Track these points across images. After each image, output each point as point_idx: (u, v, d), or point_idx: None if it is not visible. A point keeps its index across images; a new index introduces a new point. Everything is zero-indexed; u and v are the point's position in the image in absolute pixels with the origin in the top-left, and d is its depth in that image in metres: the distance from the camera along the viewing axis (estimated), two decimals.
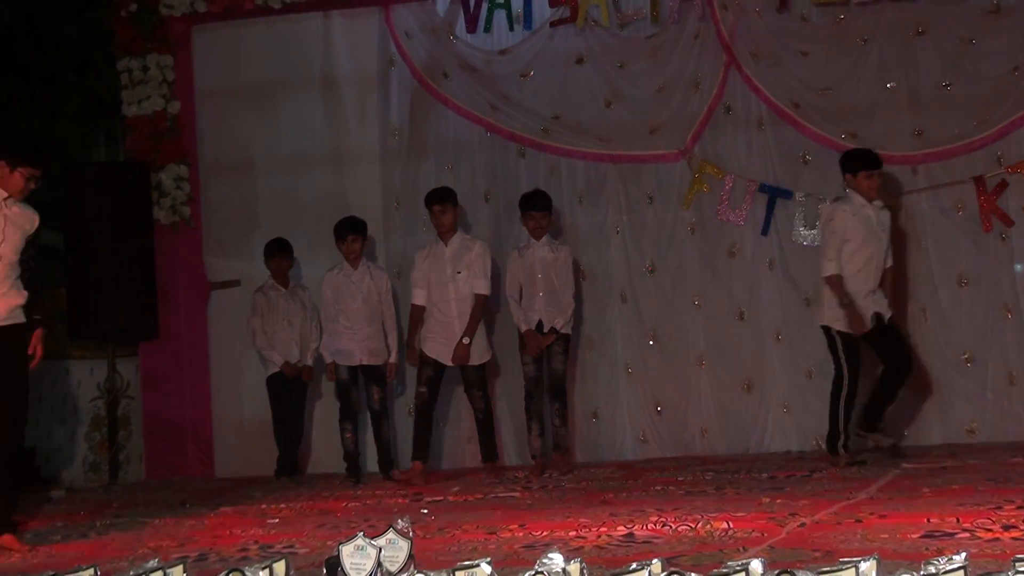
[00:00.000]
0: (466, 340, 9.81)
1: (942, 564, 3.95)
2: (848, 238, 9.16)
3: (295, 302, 10.63)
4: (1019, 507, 6.82)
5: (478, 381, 10.04)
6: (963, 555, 4.02)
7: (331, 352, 10.05)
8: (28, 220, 7.76)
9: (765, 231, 10.55)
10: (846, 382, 9.23)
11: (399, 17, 11.19)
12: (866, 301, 9.24)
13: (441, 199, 9.83)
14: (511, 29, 11.06)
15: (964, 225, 10.16)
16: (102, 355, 11.84)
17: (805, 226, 10.44)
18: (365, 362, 9.86)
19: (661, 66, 10.82)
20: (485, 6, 11.03)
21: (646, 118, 10.73)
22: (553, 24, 10.90)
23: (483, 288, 9.78)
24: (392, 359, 10.18)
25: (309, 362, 10.68)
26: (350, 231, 9.92)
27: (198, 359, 11.32)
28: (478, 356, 9.95)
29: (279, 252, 10.49)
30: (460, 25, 11.13)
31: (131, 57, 11.46)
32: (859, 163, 9.09)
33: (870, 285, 9.28)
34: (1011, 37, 10.11)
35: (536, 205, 9.83)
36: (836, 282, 9.11)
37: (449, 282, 9.82)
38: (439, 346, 9.80)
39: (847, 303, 9.10)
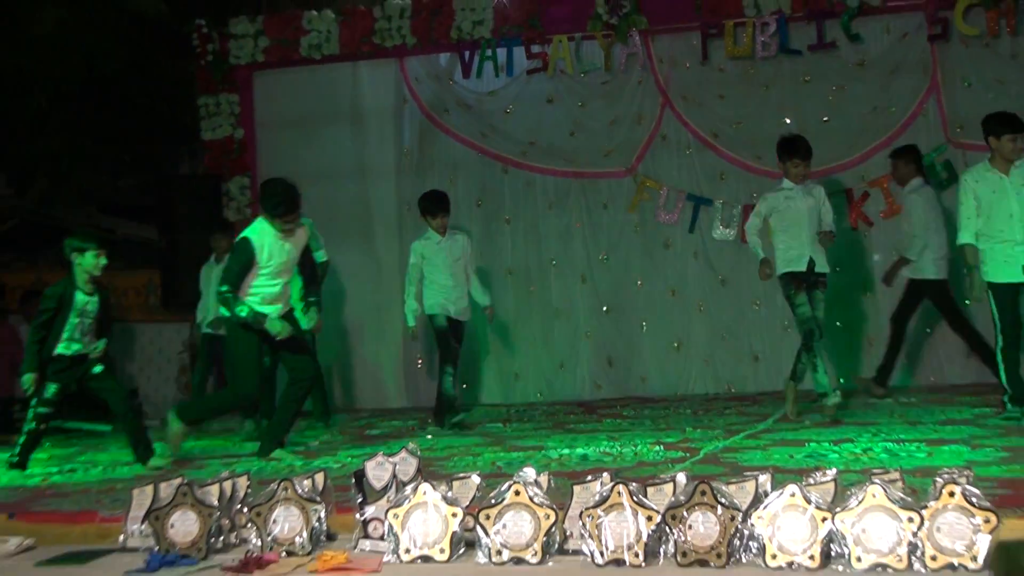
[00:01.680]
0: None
1: (819, 477, 4.05)
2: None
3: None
4: (873, 435, 7.22)
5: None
6: (834, 471, 4.17)
7: (433, 305, 9.18)
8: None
9: (691, 229, 10.87)
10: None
11: (411, 66, 11.48)
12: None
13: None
14: (496, 76, 11.26)
15: (838, 225, 9.65)
16: (185, 319, 11.86)
17: (722, 225, 10.74)
18: (453, 317, 9.14)
19: (612, 105, 11.09)
20: (477, 58, 11.21)
21: (601, 144, 11.00)
22: (529, 72, 11.17)
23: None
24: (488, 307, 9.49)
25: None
26: (441, 209, 9.10)
27: None
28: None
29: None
30: (457, 73, 11.37)
31: (208, 95, 11.77)
32: (1005, 127, 7.76)
33: None
34: (871, 85, 10.43)
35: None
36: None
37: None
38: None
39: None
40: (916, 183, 9.21)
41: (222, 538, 4.25)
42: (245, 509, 4.29)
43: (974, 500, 3.56)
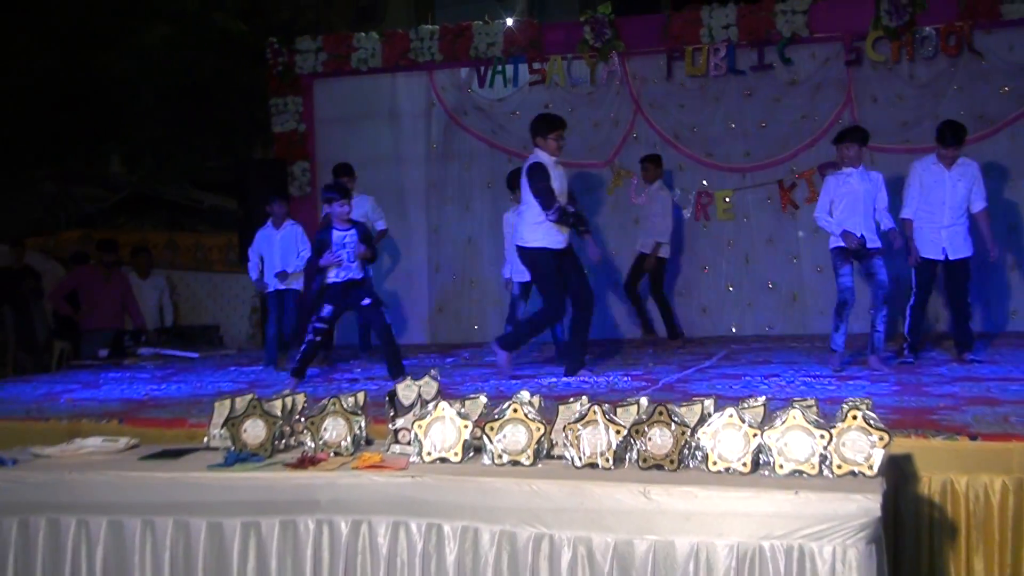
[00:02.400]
0: None
1: (752, 402, 4.06)
2: None
3: None
4: (795, 372, 7.31)
5: None
6: (763, 398, 4.18)
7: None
8: None
9: None
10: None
11: (438, 78, 11.42)
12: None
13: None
14: (505, 86, 11.20)
15: (772, 208, 10.40)
16: None
17: (680, 206, 10.68)
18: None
19: (595, 111, 11.01)
20: (490, 72, 11.16)
21: (586, 141, 10.90)
22: (531, 84, 11.12)
23: None
24: None
25: None
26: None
27: None
28: None
29: None
30: (475, 83, 11.30)
31: (277, 97, 11.72)
32: (953, 138, 7.62)
33: None
34: (800, 98, 10.39)
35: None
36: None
37: None
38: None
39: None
40: None
41: (284, 441, 4.26)
42: (302, 419, 4.30)
43: (871, 422, 3.56)
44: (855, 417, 3.58)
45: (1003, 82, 10.01)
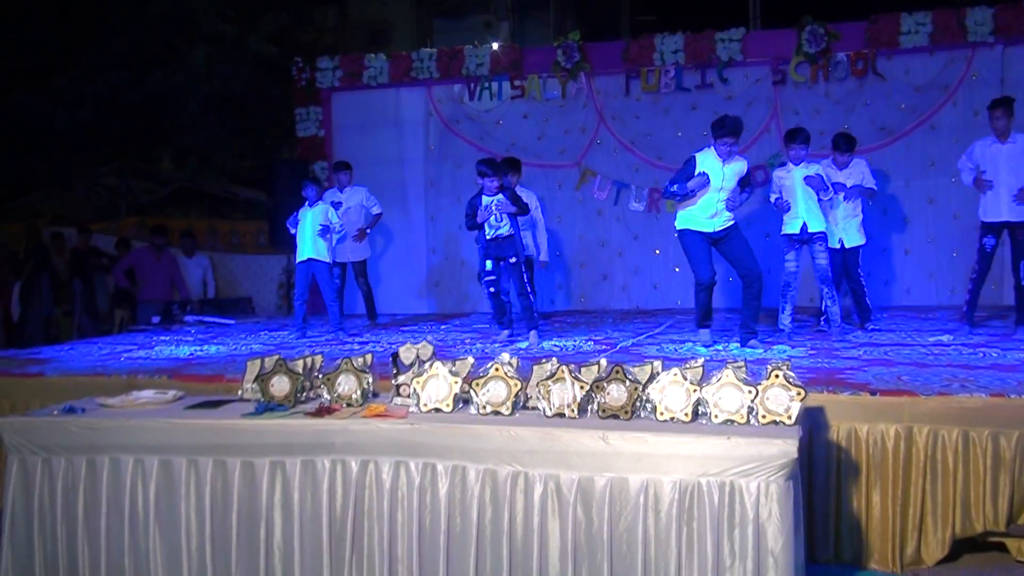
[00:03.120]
0: None
1: (693, 363, 4.03)
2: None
3: None
4: (730, 339, 7.31)
5: None
6: (701, 360, 4.15)
7: None
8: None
9: (616, 203, 10.78)
10: None
11: (435, 91, 11.34)
12: None
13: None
14: (491, 99, 11.14)
15: None
16: (284, 252, 11.80)
17: (635, 201, 10.67)
18: None
19: (566, 120, 10.94)
20: (479, 88, 11.12)
21: (558, 145, 10.91)
22: (512, 98, 11.07)
23: None
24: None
25: None
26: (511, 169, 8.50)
27: None
28: None
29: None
30: (466, 96, 11.24)
31: (301, 107, 11.63)
32: (849, 145, 7.69)
33: None
34: (737, 111, 9.41)
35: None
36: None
37: None
38: None
39: None
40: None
41: (304, 394, 4.26)
42: (320, 376, 4.29)
43: (790, 380, 3.58)
44: (777, 376, 3.60)
45: (901, 100, 10.04)
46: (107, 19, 13.38)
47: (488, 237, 7.44)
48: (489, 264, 7.50)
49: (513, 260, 7.40)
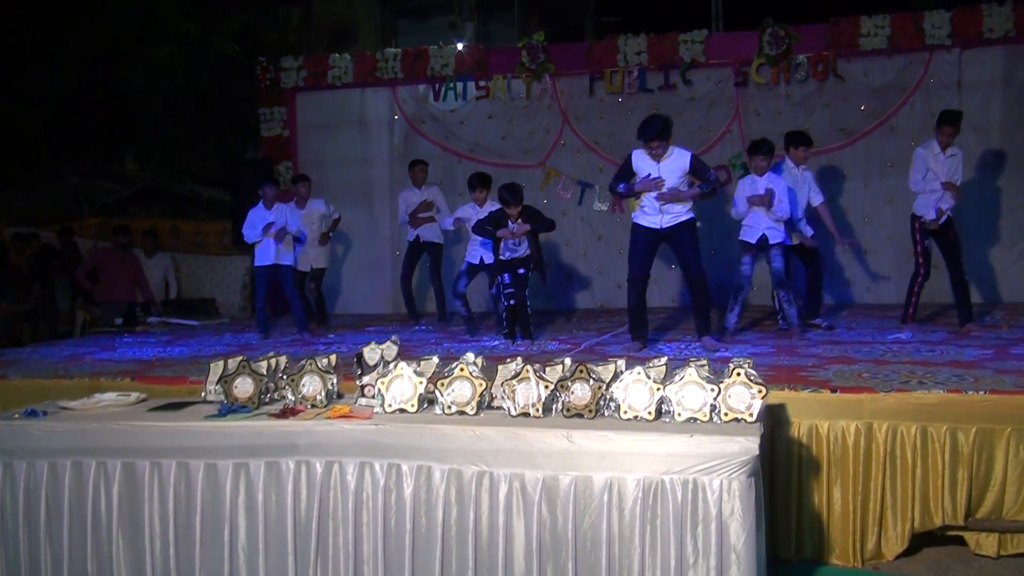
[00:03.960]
0: None
1: (656, 362, 4.10)
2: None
3: None
4: (693, 338, 7.52)
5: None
6: (665, 358, 4.24)
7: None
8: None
9: (580, 203, 10.83)
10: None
11: (400, 92, 11.29)
12: None
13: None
14: (456, 99, 11.11)
15: None
16: (248, 253, 11.55)
17: (599, 201, 10.72)
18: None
19: (530, 121, 10.96)
20: (443, 88, 11.09)
21: (523, 145, 10.92)
22: (477, 98, 11.05)
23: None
24: None
25: None
26: (479, 184, 8.48)
27: None
28: None
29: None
30: (431, 97, 11.20)
31: (265, 107, 11.55)
32: (800, 142, 7.69)
33: None
34: (698, 113, 10.37)
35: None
36: None
37: None
38: None
39: None
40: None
41: (268, 395, 4.23)
42: (284, 376, 4.25)
43: (752, 378, 3.60)
44: (739, 374, 3.62)
45: (860, 101, 10.14)
46: (70, 17, 13.20)
47: (504, 258, 7.56)
48: (508, 279, 7.60)
49: (522, 272, 7.59)
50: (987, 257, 9.78)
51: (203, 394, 4.45)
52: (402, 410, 3.86)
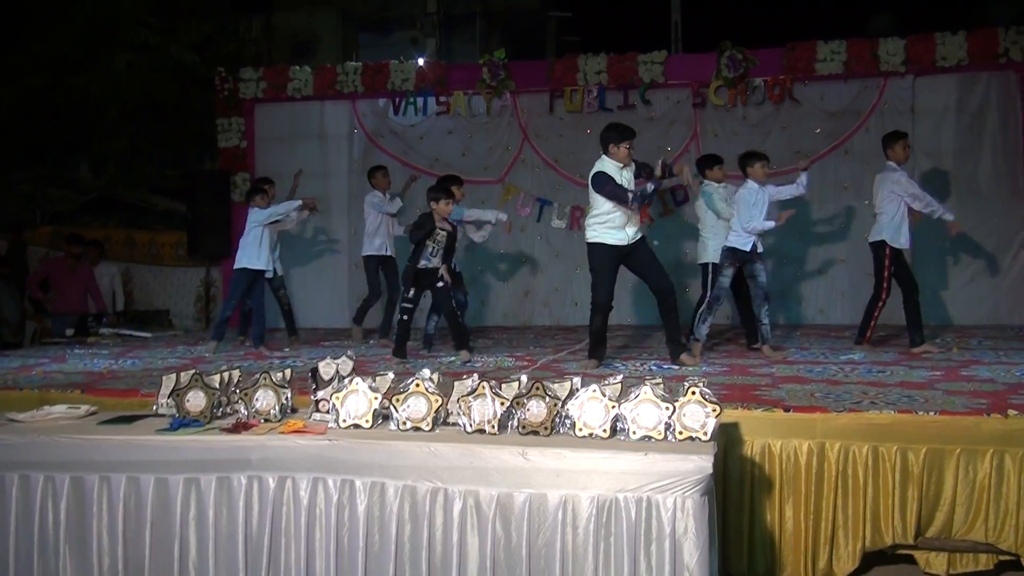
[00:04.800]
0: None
1: (612, 379, 4.06)
2: None
3: None
4: (648, 356, 7.54)
5: None
6: (620, 376, 4.15)
7: None
8: None
9: (538, 220, 10.89)
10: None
11: (360, 105, 11.29)
12: None
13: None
14: (416, 114, 11.12)
15: None
16: (203, 264, 11.88)
17: (557, 218, 10.78)
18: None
19: (491, 136, 11.03)
20: (404, 103, 11.09)
21: (482, 162, 10.94)
22: (438, 113, 11.08)
23: None
24: None
25: None
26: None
27: None
28: None
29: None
30: (391, 111, 11.20)
31: (223, 118, 11.48)
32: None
33: None
34: (657, 132, 10.41)
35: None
36: None
37: None
38: None
39: None
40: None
41: (221, 409, 4.17)
42: (237, 391, 4.21)
43: (706, 396, 3.62)
44: (694, 393, 3.63)
45: (816, 124, 10.30)
46: (27, 23, 13.04)
47: (424, 267, 7.45)
48: (414, 292, 7.47)
49: (440, 284, 7.48)
50: (938, 280, 9.95)
51: (155, 407, 4.39)
52: (356, 425, 3.83)
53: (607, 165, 6.69)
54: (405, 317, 7.47)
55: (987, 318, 9.80)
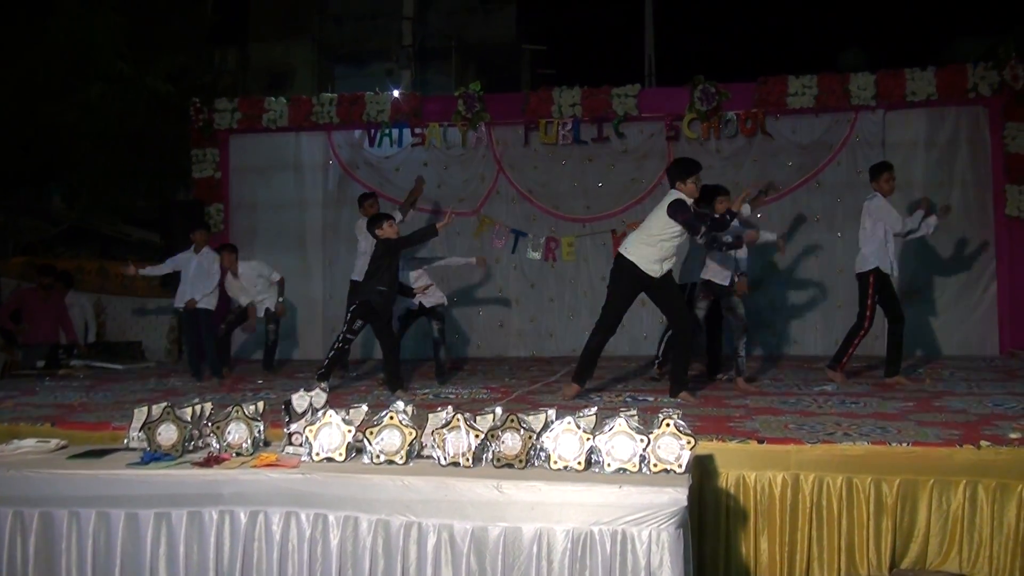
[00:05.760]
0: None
1: (586, 411, 3.99)
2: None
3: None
4: (622, 389, 7.61)
5: None
6: (595, 408, 4.10)
7: None
8: None
9: (513, 251, 10.92)
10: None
11: (336, 137, 11.31)
12: None
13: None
14: (391, 146, 11.14)
15: (606, 251, 10.27)
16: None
17: (532, 249, 10.78)
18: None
19: (466, 168, 11.06)
20: (379, 134, 11.11)
21: (458, 193, 10.92)
22: (413, 145, 11.11)
23: None
24: None
25: None
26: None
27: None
28: None
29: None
30: (366, 143, 11.22)
31: (198, 148, 11.44)
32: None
33: None
34: (630, 164, 10.62)
35: None
36: None
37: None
38: None
39: None
40: None
41: (193, 443, 4.12)
42: (209, 424, 4.16)
43: (681, 428, 3.62)
44: (668, 425, 3.63)
45: (788, 158, 10.42)
46: None
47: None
48: (359, 324, 7.50)
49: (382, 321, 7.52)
50: (910, 312, 9.99)
51: (125, 441, 4.33)
52: (330, 459, 3.80)
53: (683, 196, 6.61)
54: (342, 345, 7.53)
55: (959, 349, 9.90)
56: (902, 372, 7.48)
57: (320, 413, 3.95)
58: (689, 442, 3.59)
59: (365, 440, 3.80)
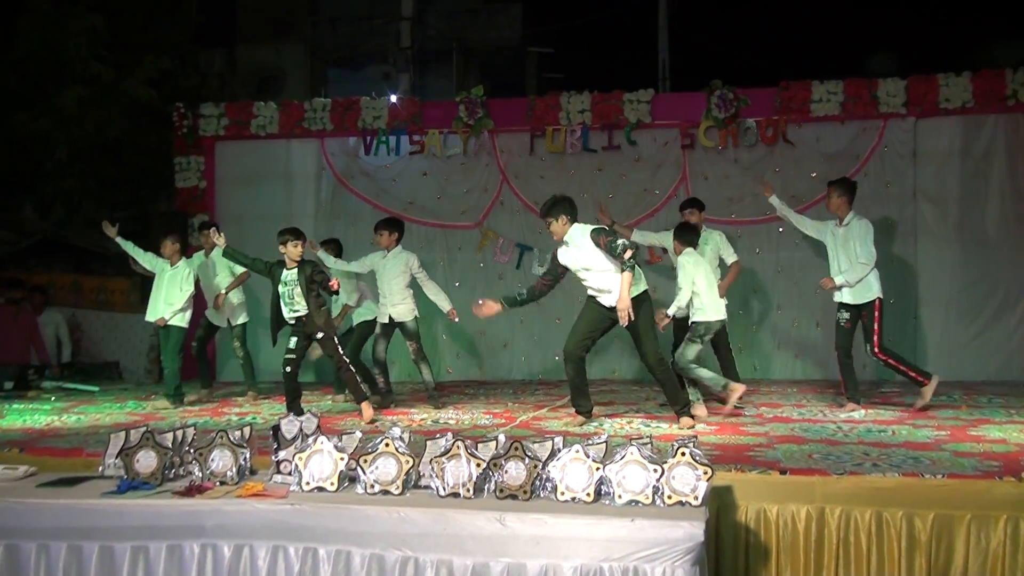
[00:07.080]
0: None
1: (596, 439, 4.05)
2: None
3: None
4: (635, 413, 7.56)
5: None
6: (606, 435, 4.25)
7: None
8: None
9: (518, 267, 10.88)
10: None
11: (328, 144, 11.31)
12: None
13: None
14: (388, 154, 11.13)
15: None
16: None
17: (539, 265, 10.61)
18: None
19: (468, 178, 11.05)
20: (375, 142, 11.11)
21: (458, 205, 10.94)
22: (411, 153, 11.09)
23: None
24: None
25: None
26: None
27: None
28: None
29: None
30: (361, 151, 11.22)
31: (182, 156, 11.46)
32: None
33: None
34: (643, 174, 10.59)
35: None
36: None
37: None
38: None
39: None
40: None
41: (174, 471, 4.13)
42: (191, 450, 4.17)
43: (697, 458, 3.61)
44: (684, 454, 3.63)
45: (812, 168, 10.36)
46: None
47: (289, 315, 7.50)
48: (294, 342, 7.50)
49: (320, 336, 7.47)
50: (944, 333, 10.01)
51: (100, 468, 4.34)
52: (321, 488, 3.80)
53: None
54: (288, 369, 7.50)
55: (997, 374, 9.84)
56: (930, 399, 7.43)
57: (311, 439, 3.96)
58: (706, 472, 3.59)
59: (359, 468, 3.80)
